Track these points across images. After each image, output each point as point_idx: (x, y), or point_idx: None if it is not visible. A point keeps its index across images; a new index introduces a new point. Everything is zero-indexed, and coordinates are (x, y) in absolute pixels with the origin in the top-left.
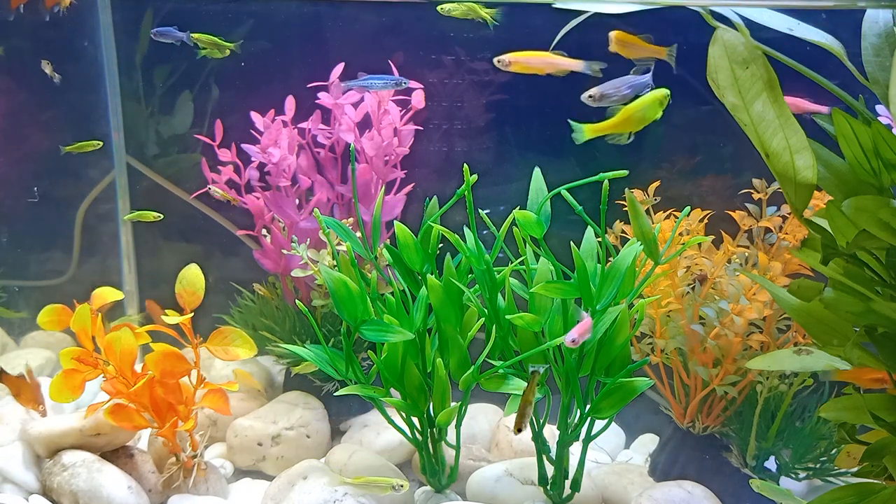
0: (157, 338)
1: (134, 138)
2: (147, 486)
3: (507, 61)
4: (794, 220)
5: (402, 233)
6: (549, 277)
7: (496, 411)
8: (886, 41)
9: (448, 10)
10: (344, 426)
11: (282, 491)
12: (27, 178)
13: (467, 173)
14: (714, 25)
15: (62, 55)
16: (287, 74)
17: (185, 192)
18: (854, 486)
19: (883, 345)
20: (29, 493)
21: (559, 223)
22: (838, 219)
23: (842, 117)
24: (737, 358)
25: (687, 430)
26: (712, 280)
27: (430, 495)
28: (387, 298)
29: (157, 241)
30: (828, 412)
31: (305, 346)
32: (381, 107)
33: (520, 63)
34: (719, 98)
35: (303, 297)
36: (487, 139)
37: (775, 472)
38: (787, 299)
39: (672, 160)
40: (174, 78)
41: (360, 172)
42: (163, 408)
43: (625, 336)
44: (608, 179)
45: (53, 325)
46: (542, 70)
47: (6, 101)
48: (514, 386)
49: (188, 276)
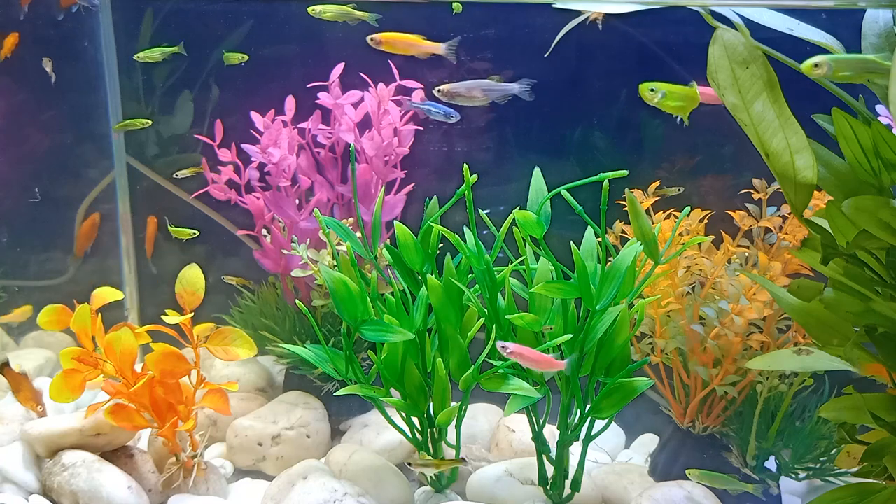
0: (157, 338)
1: (134, 138)
2: (147, 486)
3: (377, 40)
4: (794, 220)
5: (402, 233)
6: (549, 277)
7: (496, 411)
8: (886, 41)
9: (319, 13)
10: (344, 426)
11: (282, 491)
12: (27, 178)
13: (467, 173)
14: (714, 25)
15: (62, 55)
16: (287, 74)
17: (185, 192)
18: (854, 486)
19: (883, 345)
20: (29, 493)
21: (559, 223)
22: (838, 219)
23: (842, 117)
24: (737, 358)
25: (687, 430)
26: (712, 280)
27: (430, 495)
28: (387, 298)
29: (158, 241)
30: (828, 412)
31: (305, 346)
32: (381, 107)
33: (388, 43)
34: (720, 98)
35: (303, 297)
36: (487, 139)
37: (775, 472)
38: (787, 299)
39: (672, 160)
40: (174, 78)
41: (360, 172)
42: (163, 408)
43: (625, 336)
44: (608, 179)
45: (53, 325)
46: (407, 51)
47: (6, 101)
48: (515, 386)
49: (188, 276)
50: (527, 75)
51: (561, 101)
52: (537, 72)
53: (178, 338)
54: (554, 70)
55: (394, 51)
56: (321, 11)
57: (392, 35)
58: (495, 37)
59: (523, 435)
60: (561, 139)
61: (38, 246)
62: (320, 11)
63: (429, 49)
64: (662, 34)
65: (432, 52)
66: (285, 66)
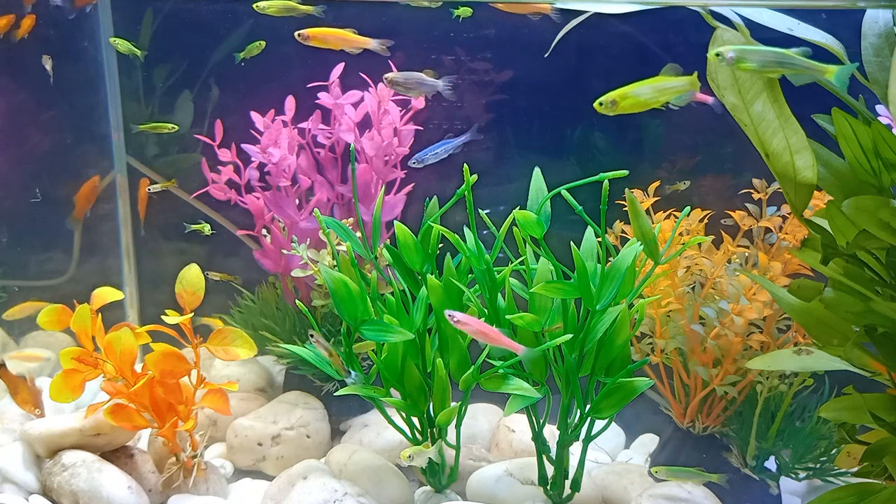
0: (157, 338)
1: (134, 138)
2: (147, 486)
3: (305, 35)
4: (794, 220)
5: (402, 233)
6: (549, 277)
7: (496, 411)
8: (886, 41)
9: (263, 8)
10: (344, 426)
11: (282, 491)
12: (27, 178)
13: (467, 173)
14: (714, 25)
15: (62, 55)
16: (287, 74)
17: (185, 192)
18: (854, 486)
19: (883, 345)
20: (29, 493)
21: (559, 223)
22: (838, 219)
23: (842, 117)
24: (737, 358)
25: (687, 430)
26: (712, 280)
27: (430, 495)
28: (387, 298)
29: (158, 241)
30: (828, 412)
31: (305, 346)
32: (381, 107)
33: (317, 38)
34: (719, 98)
35: (303, 297)
36: (487, 139)
37: (775, 471)
38: (787, 299)
39: (672, 160)
40: (174, 78)
41: (360, 172)
42: (163, 408)
43: (625, 336)
44: (608, 179)
45: (53, 325)
46: (337, 45)
47: (6, 101)
48: (515, 386)
49: (188, 277)
50: (527, 75)
51: (561, 101)
52: (537, 72)
53: (178, 338)
54: (554, 70)
55: (324, 45)
56: (265, 7)
57: (321, 30)
58: (495, 36)
59: (523, 435)
60: (561, 139)
61: (38, 246)
62: (264, 7)
63: (359, 43)
64: (663, 34)
65: (363, 47)
66: (285, 65)
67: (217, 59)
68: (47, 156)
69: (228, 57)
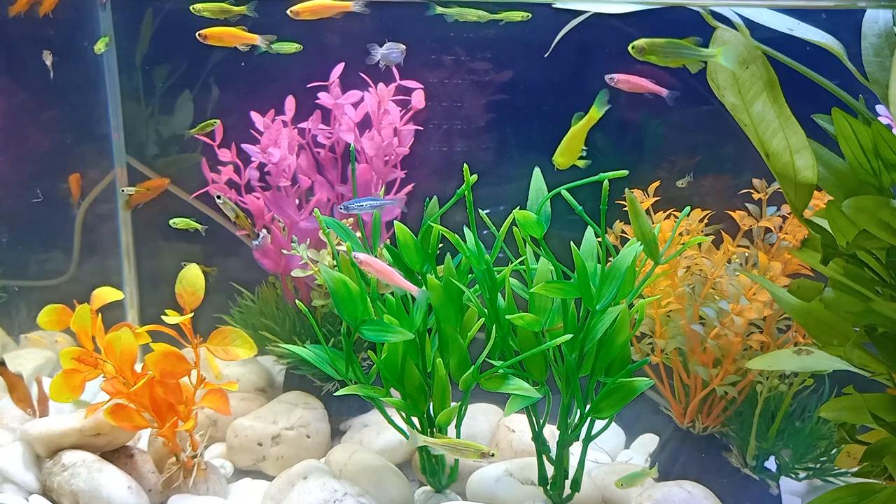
0: (157, 338)
1: (134, 138)
2: (147, 486)
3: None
4: (794, 220)
5: (402, 233)
6: (549, 277)
7: (496, 411)
8: (886, 41)
9: (199, 10)
10: (344, 426)
11: (282, 491)
12: (27, 178)
13: (467, 173)
14: (714, 25)
15: (62, 55)
16: (287, 74)
17: (185, 192)
18: (854, 486)
19: (883, 345)
20: (29, 493)
21: (559, 223)
22: (838, 219)
23: (842, 117)
24: (737, 358)
25: (687, 430)
26: (712, 280)
27: (430, 495)
28: (387, 298)
29: (157, 241)
30: (828, 412)
31: (305, 346)
32: (381, 107)
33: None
34: (719, 98)
35: (303, 297)
36: (487, 139)
37: (775, 471)
38: (787, 299)
39: (672, 160)
40: (174, 78)
41: (360, 172)
42: (163, 408)
43: (625, 336)
44: (608, 179)
45: (53, 325)
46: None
47: (7, 101)
48: (515, 386)
49: (188, 277)
50: (526, 75)
51: (561, 101)
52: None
53: (178, 338)
54: (554, 70)
55: (221, 44)
56: (201, 9)
57: (217, 30)
58: (495, 36)
59: (523, 435)
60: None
61: (38, 246)
62: (200, 9)
63: (247, 40)
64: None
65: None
66: (285, 66)
67: (217, 59)
68: (47, 156)
69: (227, 57)
